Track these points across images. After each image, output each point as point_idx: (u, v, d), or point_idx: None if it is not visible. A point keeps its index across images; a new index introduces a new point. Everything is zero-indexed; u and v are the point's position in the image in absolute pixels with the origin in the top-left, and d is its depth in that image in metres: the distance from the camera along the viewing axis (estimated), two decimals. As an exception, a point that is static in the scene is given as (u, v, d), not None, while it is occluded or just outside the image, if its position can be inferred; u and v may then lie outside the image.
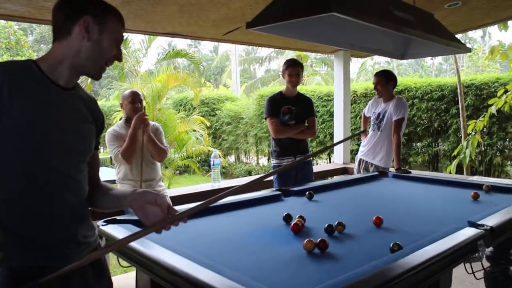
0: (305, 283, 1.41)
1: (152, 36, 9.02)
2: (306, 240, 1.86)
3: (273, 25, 2.07)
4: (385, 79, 4.24)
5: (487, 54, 6.14)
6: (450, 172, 5.68)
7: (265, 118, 4.09)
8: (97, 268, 1.53)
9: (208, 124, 11.15)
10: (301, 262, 1.76)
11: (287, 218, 2.32)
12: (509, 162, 7.47)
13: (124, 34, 1.51)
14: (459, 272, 2.30)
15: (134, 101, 3.47)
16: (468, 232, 1.99)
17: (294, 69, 3.98)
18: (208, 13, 3.58)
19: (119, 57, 1.48)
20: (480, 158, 7.51)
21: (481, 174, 7.38)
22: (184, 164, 9.44)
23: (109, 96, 18.94)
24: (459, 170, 6.67)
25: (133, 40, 9.54)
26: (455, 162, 5.70)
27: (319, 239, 1.86)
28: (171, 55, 9.42)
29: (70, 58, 1.38)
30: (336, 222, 2.14)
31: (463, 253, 1.89)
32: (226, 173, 11.94)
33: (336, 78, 5.92)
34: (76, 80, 1.48)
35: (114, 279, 1.73)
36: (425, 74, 30.37)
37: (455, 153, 5.85)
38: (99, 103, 11.80)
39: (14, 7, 3.17)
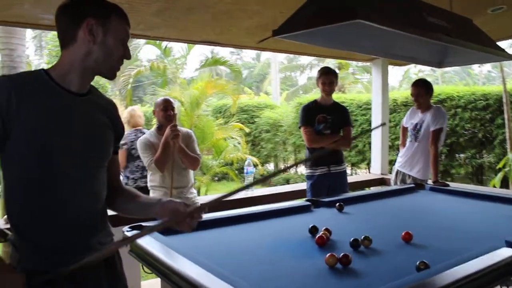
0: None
1: (190, 44, 9.14)
2: (328, 254, 1.80)
3: (299, 33, 2.03)
4: (425, 90, 4.11)
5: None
6: (494, 186, 5.44)
7: (300, 127, 4.04)
8: (112, 274, 1.52)
9: (247, 131, 11.17)
10: (321, 277, 1.70)
11: (313, 230, 2.25)
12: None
13: (129, 31, 1.48)
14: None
15: (166, 108, 3.49)
16: (505, 253, 1.86)
17: (327, 77, 3.91)
18: (241, 21, 3.57)
19: (126, 55, 1.46)
20: (528, 172, 7.17)
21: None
22: (222, 171, 9.47)
23: (152, 103, 19.34)
24: (504, 184, 6.38)
25: (174, 48, 9.73)
26: (499, 176, 5.45)
27: (342, 254, 1.79)
28: (210, 62, 9.53)
29: (79, 63, 1.38)
30: (363, 236, 2.07)
31: (497, 275, 1.77)
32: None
33: (374, 87, 5.79)
34: (89, 83, 1.47)
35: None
36: (473, 82, 29.43)
37: (500, 165, 5.60)
38: (144, 109, 12.02)
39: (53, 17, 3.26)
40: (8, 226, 1.40)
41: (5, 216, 3.43)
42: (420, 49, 2.89)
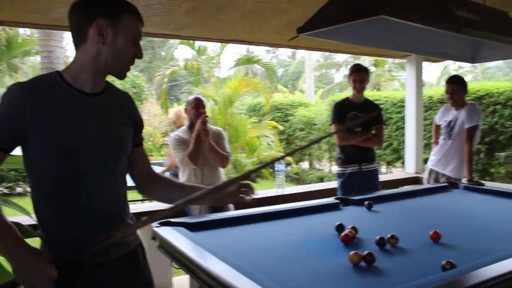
0: (342, 298, 1.35)
1: (223, 44, 9.22)
2: (352, 252, 1.79)
3: (323, 30, 2.03)
4: (460, 87, 4.00)
5: None
6: (535, 185, 5.25)
7: (331, 124, 4.02)
8: (134, 265, 1.56)
9: (281, 129, 11.15)
10: (344, 274, 1.69)
11: (339, 228, 2.24)
12: None
13: (142, 29, 1.48)
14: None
15: (197, 106, 3.54)
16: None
17: (358, 75, 3.87)
18: (270, 20, 3.58)
19: (138, 55, 1.47)
20: None
21: None
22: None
23: (187, 101, 19.53)
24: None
25: (209, 47, 9.82)
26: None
27: (366, 252, 1.78)
28: (243, 61, 9.57)
29: (90, 63, 1.39)
30: (389, 235, 2.04)
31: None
32: (298, 179, 11.86)
33: (408, 84, 5.69)
34: (103, 82, 1.48)
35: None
36: (517, 78, 28.46)
37: (541, 164, 5.40)
38: (180, 107, 12.25)
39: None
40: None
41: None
42: (451, 44, 2.83)
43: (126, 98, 1.61)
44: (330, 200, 2.98)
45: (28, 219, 2.52)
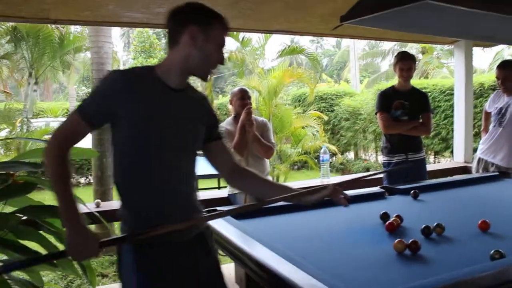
0: (386, 284, 1.37)
1: (267, 34, 9.21)
2: (397, 240, 1.80)
3: (366, 18, 2.01)
4: None
5: None
6: None
7: (376, 113, 3.97)
8: (204, 245, 1.69)
9: (326, 119, 11.07)
10: (388, 262, 1.71)
11: (384, 216, 2.24)
12: None
13: (226, 38, 1.63)
14: None
15: (243, 97, 3.58)
16: None
17: (405, 63, 3.78)
18: (315, 8, 3.56)
19: (221, 61, 1.61)
20: None
21: None
22: (301, 159, 9.49)
23: (232, 93, 19.78)
24: None
25: (253, 39, 9.83)
26: None
27: (411, 240, 1.78)
28: (287, 51, 9.52)
29: (179, 64, 1.56)
30: (435, 224, 2.03)
31: None
32: (344, 169, 11.76)
33: (457, 70, 5.52)
34: (186, 81, 1.65)
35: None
36: None
37: None
38: (224, 99, 12.40)
39: (134, 14, 3.48)
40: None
41: (97, 201, 3.73)
42: (501, 27, 2.72)
43: (201, 97, 1.76)
44: (375, 189, 2.97)
45: (83, 208, 2.67)
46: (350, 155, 12.99)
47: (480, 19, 2.31)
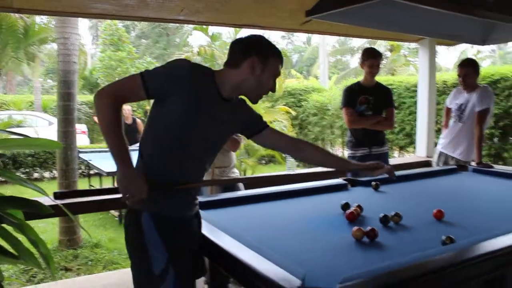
0: (343, 268, 1.42)
1: (237, 29, 9.23)
2: (355, 228, 1.86)
3: (332, 12, 2.06)
4: (473, 70, 3.97)
5: None
6: (547, 170, 5.23)
7: (341, 108, 4.05)
8: (198, 222, 1.94)
9: (294, 114, 11.17)
10: (347, 249, 1.77)
11: (345, 206, 2.31)
12: None
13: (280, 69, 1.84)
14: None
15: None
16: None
17: (375, 60, 3.85)
18: (283, 3, 3.59)
19: (273, 89, 1.84)
20: None
21: None
22: (269, 153, 9.56)
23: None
24: (560, 167, 6.13)
25: (224, 34, 9.83)
26: (553, 159, 5.24)
27: (369, 228, 1.85)
28: (256, 46, 9.57)
29: (235, 84, 1.76)
30: (393, 213, 2.11)
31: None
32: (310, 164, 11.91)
33: (421, 68, 5.68)
34: (236, 96, 1.85)
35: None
36: (540, 63, 27.94)
37: (554, 148, 5.37)
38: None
39: (103, 6, 3.45)
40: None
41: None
42: (463, 26, 2.84)
43: (242, 103, 1.94)
44: (339, 181, 3.04)
45: (47, 200, 2.64)
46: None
47: (443, 17, 2.40)
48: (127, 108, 9.05)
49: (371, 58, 3.84)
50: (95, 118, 9.01)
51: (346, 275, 1.32)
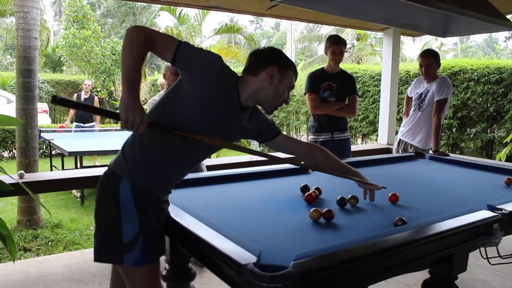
0: (298, 247, 1.47)
1: (205, 11, 9.15)
2: (312, 209, 1.92)
3: (297, -2, 2.08)
4: (435, 60, 4.08)
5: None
6: (500, 160, 5.46)
7: (305, 94, 4.10)
8: (167, 204, 1.96)
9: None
10: (303, 229, 1.82)
11: (304, 189, 2.37)
12: None
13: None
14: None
15: (177, 72, 3.57)
16: (482, 215, 1.96)
17: (338, 47, 3.91)
18: (250, -14, 3.60)
19: (287, 101, 1.90)
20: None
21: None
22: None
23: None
24: (512, 158, 6.40)
25: (191, 16, 9.68)
26: (506, 149, 5.48)
27: (325, 209, 1.91)
28: (223, 30, 9.51)
29: (252, 92, 1.81)
30: (350, 196, 2.18)
31: (472, 234, 1.87)
32: (275, 149, 11.99)
33: (385, 57, 5.81)
34: (252, 104, 1.88)
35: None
36: (497, 57, 28.83)
37: (507, 139, 5.60)
38: (160, 75, 12.26)
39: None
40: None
41: (20, 172, 3.63)
42: (422, 17, 2.91)
43: (256, 111, 1.99)
44: (299, 164, 3.09)
45: (7, 178, 2.61)
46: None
47: (405, 8, 2.46)
48: (88, 82, 8.89)
49: (334, 45, 3.91)
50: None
51: (300, 252, 1.36)
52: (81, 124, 8.54)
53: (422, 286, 2.06)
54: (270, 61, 1.79)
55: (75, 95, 8.91)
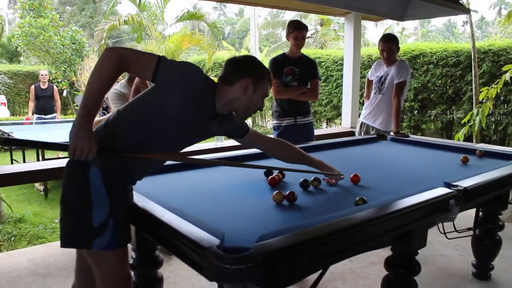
0: (261, 229, 1.49)
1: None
2: (275, 192, 1.95)
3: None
4: (395, 45, 4.16)
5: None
6: (458, 140, 5.63)
7: (268, 79, 4.10)
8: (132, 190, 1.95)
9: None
10: (267, 211, 1.85)
11: (268, 173, 2.40)
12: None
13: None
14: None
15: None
16: (439, 192, 2.03)
17: (300, 32, 3.93)
18: (209, -28, 3.57)
19: (261, 108, 1.91)
20: (494, 127, 7.39)
21: (494, 144, 7.26)
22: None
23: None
24: (470, 138, 6.60)
25: (152, 3, 9.52)
26: (463, 130, 5.63)
27: (288, 192, 1.94)
28: (185, 17, 9.40)
29: (226, 101, 1.82)
30: (313, 178, 2.22)
31: (430, 211, 1.94)
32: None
33: (347, 42, 5.87)
34: (225, 111, 1.88)
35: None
36: (456, 41, 29.60)
37: (465, 120, 5.77)
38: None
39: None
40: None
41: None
42: (380, 1, 2.96)
43: (225, 117, 1.95)
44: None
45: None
46: (248, 121, 13.28)
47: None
48: (44, 72, 8.65)
49: (296, 30, 3.93)
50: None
51: (262, 233, 1.39)
52: (43, 116, 8.32)
53: (385, 263, 2.13)
54: (244, 72, 1.80)
55: (32, 86, 8.62)
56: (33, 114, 8.54)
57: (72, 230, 1.76)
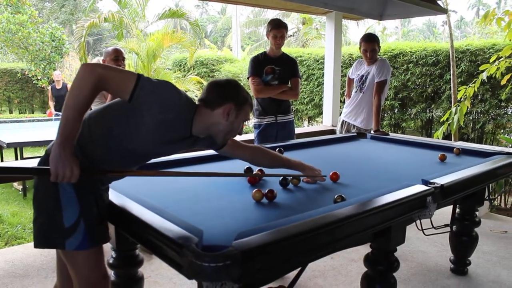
0: (241, 226, 1.50)
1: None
2: (255, 190, 1.95)
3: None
4: (378, 45, 4.19)
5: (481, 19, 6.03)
6: (437, 138, 5.71)
7: (248, 78, 4.11)
8: (108, 190, 1.95)
9: (205, 84, 11.14)
10: (246, 209, 1.86)
11: (248, 171, 2.40)
12: (501, 130, 7.44)
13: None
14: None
15: (117, 58, 3.51)
16: (416, 189, 2.06)
17: (279, 31, 3.94)
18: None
19: (240, 132, 1.90)
20: (472, 125, 7.50)
21: (472, 141, 7.38)
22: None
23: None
24: (449, 136, 6.69)
25: (133, 0, 9.42)
26: (442, 128, 5.71)
27: (267, 190, 1.95)
28: (167, 15, 9.34)
29: (206, 125, 1.79)
30: (292, 176, 2.23)
31: (408, 208, 1.97)
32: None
33: (328, 40, 5.90)
34: (203, 136, 1.85)
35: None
36: (436, 40, 29.99)
37: (443, 118, 5.85)
38: (97, 59, 11.95)
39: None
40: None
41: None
42: (359, 1, 2.99)
43: (199, 139, 1.90)
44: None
45: None
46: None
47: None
48: (57, 73, 8.77)
49: (275, 29, 3.94)
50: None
51: (241, 231, 1.39)
52: (60, 113, 8.38)
53: (364, 260, 2.15)
54: (228, 98, 1.77)
55: (49, 87, 9.39)
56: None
57: (45, 230, 1.74)
